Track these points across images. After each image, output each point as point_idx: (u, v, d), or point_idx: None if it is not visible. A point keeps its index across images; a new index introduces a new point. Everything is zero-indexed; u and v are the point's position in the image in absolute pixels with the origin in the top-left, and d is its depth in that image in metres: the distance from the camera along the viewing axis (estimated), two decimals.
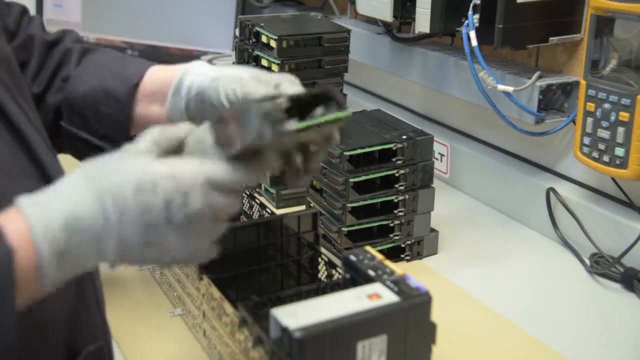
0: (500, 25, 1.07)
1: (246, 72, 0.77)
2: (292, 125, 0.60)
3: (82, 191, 0.56)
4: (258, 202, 1.04)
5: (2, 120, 0.64)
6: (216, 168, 0.59)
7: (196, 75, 0.80)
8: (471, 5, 1.09)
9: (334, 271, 0.84)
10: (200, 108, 0.79)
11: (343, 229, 1.06)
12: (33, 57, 0.84)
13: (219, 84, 0.77)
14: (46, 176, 0.65)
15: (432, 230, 1.12)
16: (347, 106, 0.64)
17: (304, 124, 0.61)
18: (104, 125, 0.82)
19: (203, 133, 0.63)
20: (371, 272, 0.72)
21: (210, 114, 0.77)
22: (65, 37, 0.88)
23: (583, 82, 1.03)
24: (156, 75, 0.84)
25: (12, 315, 0.53)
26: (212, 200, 0.58)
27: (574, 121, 1.09)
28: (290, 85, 0.72)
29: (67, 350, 0.68)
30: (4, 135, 0.64)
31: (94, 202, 0.56)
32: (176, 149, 0.63)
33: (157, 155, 0.60)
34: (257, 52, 1.24)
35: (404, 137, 1.08)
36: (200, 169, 0.58)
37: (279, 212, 1.20)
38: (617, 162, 0.99)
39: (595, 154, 1.02)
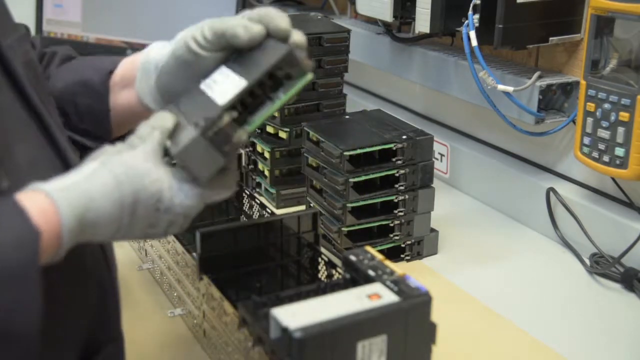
0: (500, 25, 1.07)
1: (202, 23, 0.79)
2: (242, 135, 0.64)
3: (108, 188, 0.61)
4: (258, 202, 1.04)
5: (35, 120, 0.67)
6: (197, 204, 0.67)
7: (159, 49, 0.82)
8: (471, 5, 1.09)
9: (334, 271, 0.84)
10: (170, 80, 0.78)
11: (343, 229, 1.06)
12: None
13: (184, 36, 0.77)
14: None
15: (432, 230, 1.12)
16: (308, 66, 0.65)
17: (254, 125, 0.65)
18: (83, 119, 0.82)
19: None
20: (371, 272, 0.72)
21: (181, 81, 0.77)
22: (58, 47, 0.90)
23: (583, 82, 1.03)
24: (125, 61, 0.85)
25: (37, 300, 0.55)
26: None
27: (574, 121, 1.09)
28: (279, 21, 0.71)
29: (85, 349, 0.69)
30: (37, 134, 0.67)
31: (117, 207, 0.62)
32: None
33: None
34: None
35: (404, 137, 1.08)
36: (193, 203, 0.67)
37: (279, 212, 1.20)
38: (617, 162, 0.99)
39: (595, 154, 1.02)
